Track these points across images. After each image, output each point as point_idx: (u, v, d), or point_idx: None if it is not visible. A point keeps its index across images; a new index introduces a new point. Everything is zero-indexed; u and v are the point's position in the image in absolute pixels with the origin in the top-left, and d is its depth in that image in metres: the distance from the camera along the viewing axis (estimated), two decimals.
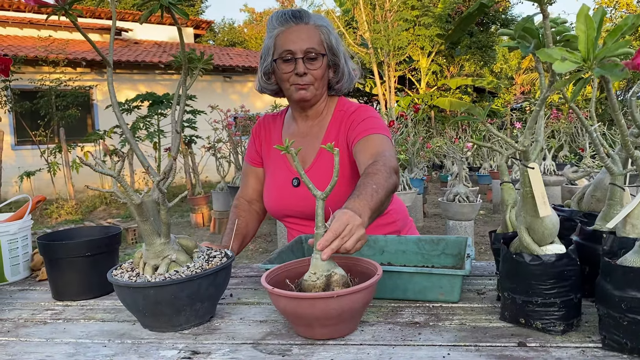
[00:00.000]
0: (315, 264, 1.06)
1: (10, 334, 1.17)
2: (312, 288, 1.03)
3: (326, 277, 1.05)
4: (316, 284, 1.04)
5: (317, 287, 1.03)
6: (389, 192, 1.36)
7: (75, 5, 1.06)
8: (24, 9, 14.92)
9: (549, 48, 0.79)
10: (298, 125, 1.77)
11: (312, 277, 1.05)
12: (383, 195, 1.31)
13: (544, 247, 1.01)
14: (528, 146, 0.96)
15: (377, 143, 1.54)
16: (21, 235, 1.61)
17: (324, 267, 1.06)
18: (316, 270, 1.05)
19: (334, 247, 1.05)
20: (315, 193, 1.07)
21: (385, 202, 1.35)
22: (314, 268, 1.06)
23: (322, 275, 1.05)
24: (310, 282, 1.04)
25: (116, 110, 1.14)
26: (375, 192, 1.28)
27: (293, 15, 1.65)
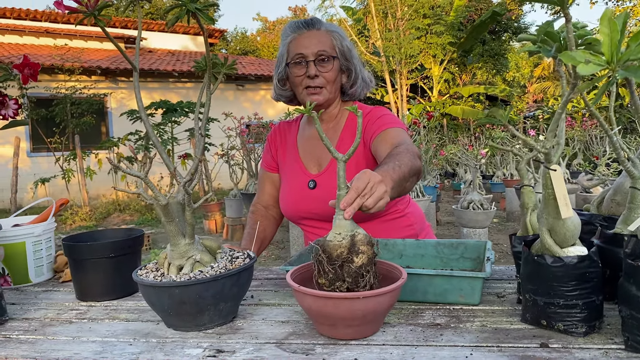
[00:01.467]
0: (339, 224, 1.06)
1: (38, 333, 1.19)
2: (337, 248, 1.03)
3: (350, 237, 1.05)
4: (342, 244, 1.04)
5: (343, 247, 1.03)
6: (413, 172, 1.36)
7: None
8: (40, 19, 15.17)
9: (572, 51, 0.80)
10: (313, 129, 1.79)
11: (338, 237, 1.04)
12: (406, 172, 1.31)
13: (566, 249, 1.02)
14: (550, 148, 0.97)
15: (396, 134, 1.56)
16: (45, 237, 1.64)
17: (348, 227, 1.06)
18: (340, 231, 1.05)
19: (355, 206, 1.06)
20: (337, 155, 1.08)
21: (409, 181, 1.35)
22: (337, 228, 1.05)
23: (347, 235, 1.05)
24: (335, 242, 1.04)
25: (143, 115, 1.17)
26: (398, 167, 1.28)
27: (305, 23, 1.71)
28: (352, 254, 1.03)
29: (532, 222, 1.22)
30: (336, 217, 1.07)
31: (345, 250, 1.03)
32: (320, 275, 1.05)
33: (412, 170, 1.35)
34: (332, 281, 1.03)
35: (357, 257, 1.02)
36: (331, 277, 1.03)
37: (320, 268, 1.05)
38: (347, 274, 1.02)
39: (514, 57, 27.56)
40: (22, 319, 1.30)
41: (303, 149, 1.79)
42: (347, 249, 1.04)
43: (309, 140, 1.78)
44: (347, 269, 1.02)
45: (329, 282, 1.04)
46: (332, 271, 1.03)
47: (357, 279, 1.02)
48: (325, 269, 1.03)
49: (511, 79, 27.25)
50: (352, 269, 1.02)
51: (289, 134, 1.88)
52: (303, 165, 1.76)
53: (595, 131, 8.37)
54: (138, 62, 1.15)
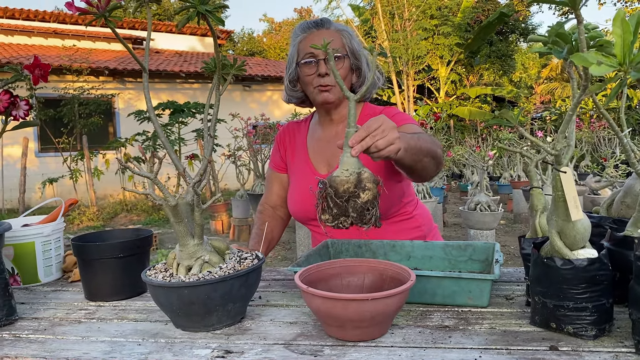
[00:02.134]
0: (347, 161, 1.06)
1: (47, 332, 1.20)
2: (345, 183, 1.03)
3: (357, 174, 1.05)
4: (349, 179, 1.04)
5: (350, 183, 1.04)
6: (431, 152, 1.35)
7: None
8: (49, 19, 15.27)
9: (583, 52, 0.80)
10: (323, 130, 1.79)
11: (345, 173, 1.04)
12: (423, 147, 1.30)
13: (576, 252, 1.01)
14: (560, 150, 0.96)
15: (414, 129, 1.56)
16: (54, 237, 1.65)
17: (355, 165, 1.06)
18: (348, 167, 1.05)
19: (364, 144, 1.06)
20: (348, 95, 1.09)
21: (426, 158, 1.34)
22: (345, 165, 1.06)
23: (354, 171, 1.05)
24: (343, 178, 1.04)
25: (152, 115, 1.17)
26: (416, 138, 1.27)
27: (315, 23, 1.71)
28: (358, 189, 1.04)
29: (541, 224, 1.21)
30: (343, 155, 1.08)
31: (351, 185, 1.04)
32: (324, 211, 1.06)
33: (431, 150, 1.34)
34: (336, 216, 1.04)
35: (363, 193, 1.03)
36: (335, 212, 1.04)
37: (325, 204, 1.05)
38: (352, 208, 1.03)
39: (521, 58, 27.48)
40: (31, 319, 1.30)
41: (313, 150, 1.79)
42: (353, 185, 1.04)
43: (319, 142, 1.78)
44: (352, 204, 1.03)
45: (333, 217, 1.04)
46: (337, 206, 1.03)
47: (362, 213, 1.03)
48: (330, 204, 1.04)
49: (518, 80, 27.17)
50: (357, 204, 1.03)
51: (298, 134, 1.88)
52: (312, 165, 1.76)
53: (604, 133, 8.33)
54: (148, 63, 1.16)
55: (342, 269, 1.21)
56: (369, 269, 1.21)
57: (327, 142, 1.76)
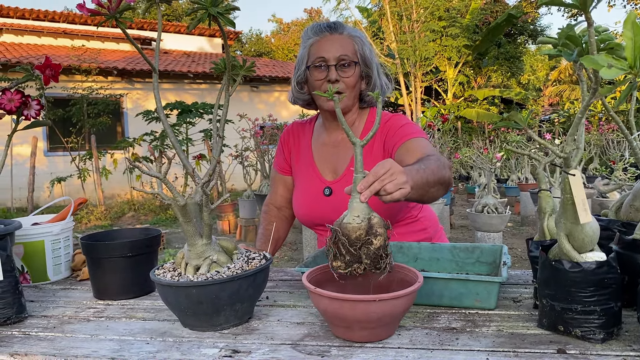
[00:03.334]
0: (356, 207, 1.06)
1: (56, 330, 1.21)
2: (356, 230, 1.04)
3: (368, 220, 1.06)
4: (361, 226, 1.04)
5: (362, 229, 1.04)
6: (439, 180, 1.34)
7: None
8: (59, 20, 15.36)
9: (594, 55, 0.80)
10: (329, 135, 1.78)
11: (356, 220, 1.05)
12: (431, 178, 1.29)
13: (584, 255, 1.01)
14: (569, 153, 0.96)
15: (423, 145, 1.54)
16: (63, 235, 1.66)
17: (365, 211, 1.06)
18: (358, 213, 1.05)
19: (372, 189, 1.06)
20: (354, 140, 1.09)
21: (434, 188, 1.33)
22: (355, 211, 1.06)
23: (365, 217, 1.05)
24: (354, 225, 1.04)
25: (162, 115, 1.18)
26: (422, 170, 1.27)
27: (328, 26, 1.68)
28: (370, 235, 1.04)
29: (549, 226, 1.21)
30: (352, 200, 1.08)
31: (363, 232, 1.04)
32: (336, 258, 1.06)
33: (438, 179, 1.33)
34: (349, 263, 1.04)
35: (375, 239, 1.04)
36: (348, 259, 1.04)
37: (337, 251, 1.05)
38: (365, 255, 1.03)
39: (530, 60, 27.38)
40: (40, 316, 1.31)
41: (318, 155, 1.78)
42: (365, 231, 1.05)
43: (324, 146, 1.77)
44: (365, 251, 1.03)
45: (346, 264, 1.05)
46: (350, 254, 1.04)
47: (376, 260, 1.04)
48: (342, 252, 1.04)
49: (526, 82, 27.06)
50: (371, 250, 1.03)
51: (302, 136, 1.87)
52: (318, 170, 1.75)
53: (612, 135, 8.28)
54: (158, 64, 1.17)
55: None
56: None
57: (333, 148, 1.75)
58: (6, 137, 1.30)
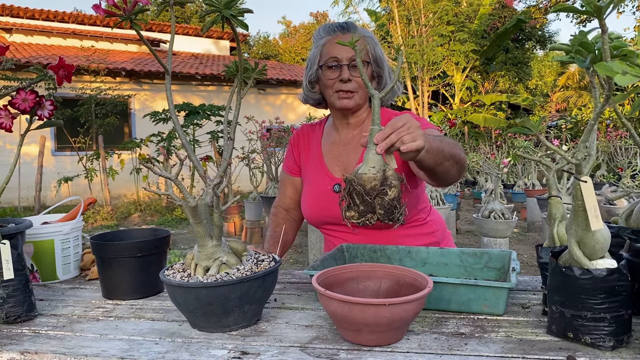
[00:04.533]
0: (372, 158, 1.07)
1: (66, 329, 1.21)
2: (372, 180, 1.04)
3: (383, 171, 1.06)
4: (376, 177, 1.05)
5: (377, 180, 1.04)
6: (453, 155, 1.35)
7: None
8: (68, 20, 15.46)
9: (608, 62, 0.80)
10: (339, 133, 1.79)
11: (372, 170, 1.05)
12: (446, 148, 1.30)
13: (595, 262, 1.01)
14: (581, 159, 0.96)
15: (434, 133, 1.54)
16: (73, 235, 1.67)
17: (380, 162, 1.06)
18: (374, 164, 1.06)
19: (389, 141, 1.06)
20: (372, 92, 1.09)
21: (448, 161, 1.33)
22: (370, 162, 1.06)
23: (380, 169, 1.06)
24: (370, 175, 1.05)
25: (173, 117, 1.19)
26: (438, 140, 1.27)
27: (340, 26, 1.70)
28: (385, 186, 1.04)
29: (559, 233, 1.21)
30: (368, 152, 1.08)
31: (378, 183, 1.05)
32: (349, 208, 1.06)
33: (452, 152, 1.34)
34: (362, 213, 1.04)
35: (390, 190, 1.04)
36: (362, 209, 1.04)
37: (351, 200, 1.06)
38: (379, 205, 1.04)
39: (537, 66, 27.31)
40: (50, 315, 1.32)
41: (328, 153, 1.79)
42: (380, 182, 1.05)
43: (334, 145, 1.78)
44: (380, 201, 1.04)
45: (359, 214, 1.05)
46: (365, 203, 1.04)
47: (390, 210, 1.04)
48: (356, 201, 1.05)
49: (534, 87, 27.00)
50: (385, 201, 1.04)
51: (312, 138, 1.88)
52: (327, 168, 1.76)
53: (620, 142, 8.25)
54: (170, 65, 1.17)
55: (359, 274, 1.22)
56: (385, 275, 1.21)
57: (342, 146, 1.76)
58: (14, 136, 1.31)
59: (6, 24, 14.15)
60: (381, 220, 1.05)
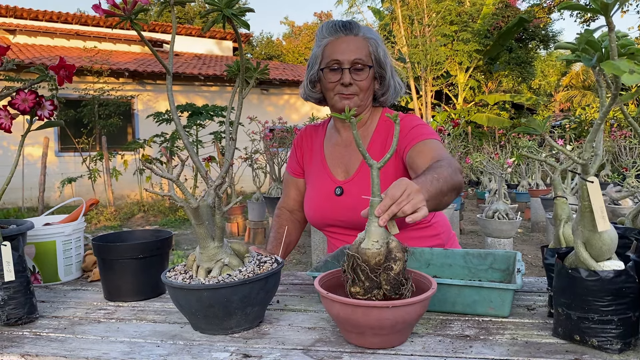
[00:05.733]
0: (374, 231, 1.04)
1: (67, 331, 1.21)
2: (376, 256, 1.02)
3: (386, 244, 1.04)
4: (380, 252, 1.02)
5: (381, 255, 1.02)
6: (452, 187, 1.34)
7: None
8: (71, 21, 15.49)
9: (615, 61, 0.78)
10: (341, 135, 1.78)
11: (375, 245, 1.03)
12: (444, 187, 1.29)
13: (602, 263, 0.99)
14: (588, 160, 0.95)
15: (435, 147, 1.53)
16: (75, 236, 1.66)
17: (383, 235, 1.04)
18: (377, 238, 1.04)
19: (390, 213, 1.05)
20: (371, 162, 1.07)
21: (447, 196, 1.32)
22: (373, 236, 1.04)
23: (384, 242, 1.04)
24: (374, 250, 1.02)
25: (175, 117, 1.18)
26: (436, 181, 1.26)
27: (343, 26, 1.67)
28: (389, 261, 1.02)
29: (565, 234, 1.19)
30: (370, 225, 1.06)
31: (382, 257, 1.02)
32: (354, 284, 1.04)
33: (451, 186, 1.32)
34: (368, 290, 1.02)
35: (395, 264, 1.02)
36: (368, 285, 1.02)
37: (355, 277, 1.04)
38: (385, 281, 1.01)
39: (541, 65, 27.24)
40: (51, 317, 1.31)
41: (330, 155, 1.78)
42: (384, 257, 1.03)
43: (336, 147, 1.77)
44: (385, 277, 1.01)
45: (365, 290, 1.03)
46: (370, 279, 1.02)
47: (397, 286, 1.02)
48: (361, 278, 1.03)
49: (537, 87, 26.92)
50: (391, 276, 1.01)
51: (315, 138, 1.87)
52: (330, 171, 1.75)
53: (624, 142, 8.21)
54: (172, 66, 1.16)
55: None
56: None
57: (344, 147, 1.75)
58: (18, 137, 1.31)
59: (10, 25, 14.18)
60: (388, 296, 1.03)
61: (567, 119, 14.62)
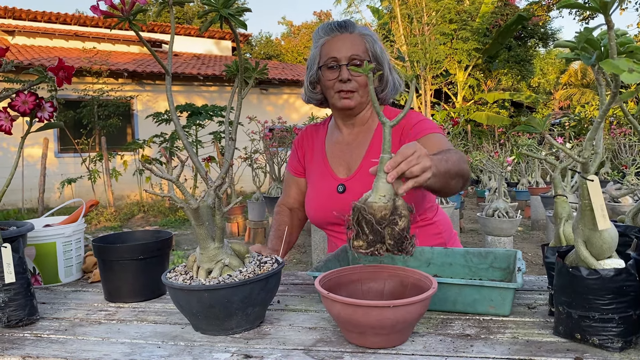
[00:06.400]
0: (382, 187, 1.05)
1: (68, 333, 1.20)
2: (382, 209, 1.03)
3: (393, 201, 1.05)
4: (387, 206, 1.03)
5: (388, 209, 1.03)
6: (460, 172, 1.35)
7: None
8: (70, 22, 15.48)
9: (614, 59, 0.78)
10: (342, 133, 1.78)
11: (383, 199, 1.04)
12: (452, 169, 1.30)
13: (602, 261, 0.99)
14: (588, 158, 0.94)
15: (440, 140, 1.54)
16: (75, 237, 1.66)
17: (391, 191, 1.05)
18: (384, 193, 1.04)
19: (399, 170, 1.06)
20: (384, 120, 1.08)
21: (454, 179, 1.33)
22: (381, 191, 1.05)
23: (390, 198, 1.05)
24: (380, 204, 1.03)
25: (174, 118, 1.18)
26: (444, 161, 1.27)
27: (338, 25, 1.69)
28: (395, 216, 1.03)
29: (565, 232, 1.19)
30: (378, 180, 1.07)
31: (389, 212, 1.03)
32: (357, 237, 1.04)
33: (459, 170, 1.34)
34: (371, 243, 1.03)
35: (400, 220, 1.02)
36: (371, 239, 1.03)
37: (360, 229, 1.04)
38: (389, 236, 1.02)
39: (540, 63, 27.24)
40: (52, 319, 1.31)
41: (331, 153, 1.78)
42: (390, 212, 1.03)
43: (337, 145, 1.77)
44: (389, 231, 1.02)
45: (368, 244, 1.03)
46: (374, 233, 1.02)
47: (401, 241, 1.02)
48: (365, 231, 1.03)
49: (536, 85, 26.93)
50: (395, 231, 1.02)
51: (316, 138, 1.87)
52: (331, 168, 1.75)
53: (624, 139, 8.21)
54: (171, 66, 1.16)
55: (362, 275, 1.20)
56: (389, 276, 1.20)
57: (346, 145, 1.75)
58: (18, 138, 1.31)
59: (8, 26, 14.18)
60: (390, 251, 1.03)
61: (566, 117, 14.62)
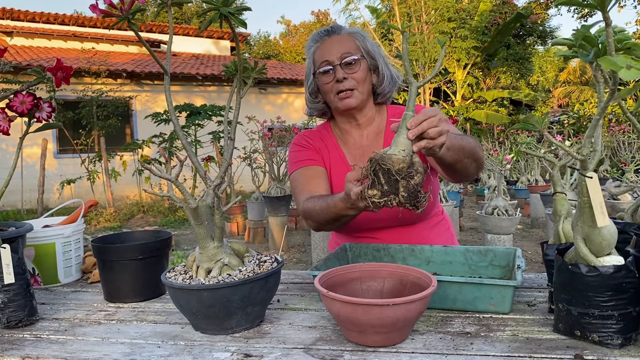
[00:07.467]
0: (402, 141, 1.08)
1: (68, 333, 1.20)
2: (400, 162, 1.04)
3: (411, 156, 1.07)
4: (405, 159, 1.05)
5: (405, 163, 1.05)
6: (473, 153, 1.38)
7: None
8: (68, 23, 15.47)
9: (612, 56, 0.78)
10: (353, 136, 1.73)
11: (402, 152, 1.06)
12: (466, 147, 1.33)
13: (601, 258, 0.99)
14: (586, 155, 0.95)
15: (453, 129, 1.53)
16: (74, 238, 1.66)
17: (410, 147, 1.07)
18: (404, 147, 1.07)
19: (421, 128, 1.08)
20: (411, 80, 1.12)
21: (467, 159, 1.36)
22: (401, 145, 1.07)
23: (409, 154, 1.07)
24: (400, 157, 1.05)
25: (173, 118, 1.18)
26: (460, 138, 1.30)
27: (326, 31, 1.70)
28: (412, 169, 1.04)
29: (564, 229, 1.19)
30: (399, 135, 1.09)
31: (406, 166, 1.05)
32: (372, 186, 1.06)
33: (472, 151, 1.37)
34: (385, 193, 1.04)
35: (416, 174, 1.04)
36: (386, 189, 1.04)
37: (376, 179, 1.05)
38: (404, 188, 1.03)
39: (539, 61, 27.25)
40: (52, 319, 1.31)
41: (352, 158, 1.71)
42: (407, 165, 1.05)
43: (353, 149, 1.72)
44: (404, 184, 1.03)
45: (382, 193, 1.04)
46: (390, 183, 1.04)
47: (415, 195, 1.04)
48: (381, 180, 1.04)
49: (535, 83, 26.94)
50: (410, 184, 1.03)
51: (326, 141, 1.76)
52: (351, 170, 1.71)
53: (623, 137, 8.22)
54: (169, 66, 1.16)
55: (362, 274, 1.20)
56: (389, 274, 1.20)
57: (359, 148, 1.71)
58: (16, 139, 1.31)
59: (7, 27, 14.17)
60: (402, 204, 1.04)
61: (565, 114, 14.63)
